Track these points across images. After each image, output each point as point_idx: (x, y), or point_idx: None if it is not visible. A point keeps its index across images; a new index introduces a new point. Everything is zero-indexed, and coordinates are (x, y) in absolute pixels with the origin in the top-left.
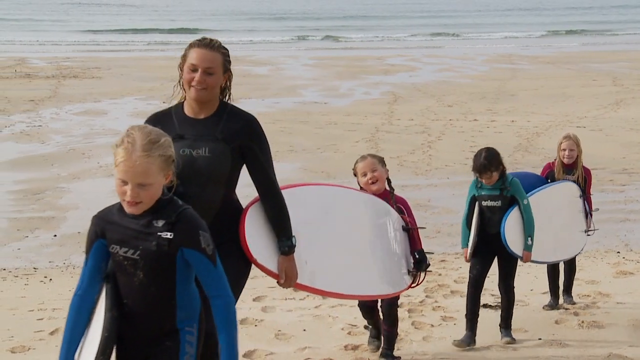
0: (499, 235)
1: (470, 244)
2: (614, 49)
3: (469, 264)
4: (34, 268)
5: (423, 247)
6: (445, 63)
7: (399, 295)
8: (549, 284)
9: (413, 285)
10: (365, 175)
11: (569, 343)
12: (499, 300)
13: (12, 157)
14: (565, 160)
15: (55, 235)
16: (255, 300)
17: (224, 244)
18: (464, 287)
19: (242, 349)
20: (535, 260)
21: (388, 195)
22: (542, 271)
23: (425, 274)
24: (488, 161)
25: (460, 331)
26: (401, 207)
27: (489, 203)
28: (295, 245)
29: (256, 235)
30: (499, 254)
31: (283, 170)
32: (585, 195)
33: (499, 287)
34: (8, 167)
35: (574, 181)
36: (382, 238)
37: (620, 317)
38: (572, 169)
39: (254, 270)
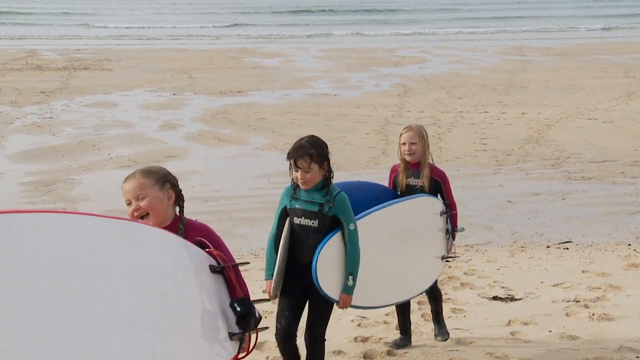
0: (311, 267)
1: (275, 274)
2: (626, 40)
3: (477, 256)
4: None
5: None
6: (455, 55)
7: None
8: (398, 318)
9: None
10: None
11: (579, 336)
12: (509, 292)
13: (23, 149)
14: (407, 158)
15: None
16: (265, 292)
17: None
18: (473, 280)
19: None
20: (359, 306)
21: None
22: (553, 264)
23: None
24: (310, 144)
25: (470, 323)
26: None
27: (303, 221)
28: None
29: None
30: (310, 294)
31: None
32: (448, 209)
33: (304, 337)
34: (19, 158)
35: (421, 188)
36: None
37: (631, 310)
38: (418, 170)
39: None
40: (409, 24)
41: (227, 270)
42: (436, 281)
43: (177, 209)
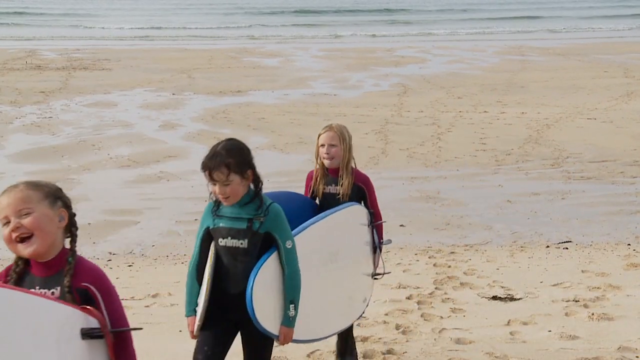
0: (244, 298)
1: (199, 309)
2: (626, 40)
3: (476, 255)
4: None
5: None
6: (455, 55)
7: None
8: (337, 343)
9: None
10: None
11: (579, 335)
12: (509, 292)
13: (22, 149)
14: (326, 163)
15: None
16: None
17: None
18: (473, 280)
19: None
20: (299, 340)
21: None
22: (552, 264)
23: None
24: (226, 151)
25: (470, 323)
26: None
27: (229, 241)
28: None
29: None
30: (242, 329)
31: (292, 162)
32: (373, 219)
33: None
34: (19, 158)
35: (342, 197)
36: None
37: (631, 310)
38: (337, 176)
39: None
40: (410, 25)
41: (106, 338)
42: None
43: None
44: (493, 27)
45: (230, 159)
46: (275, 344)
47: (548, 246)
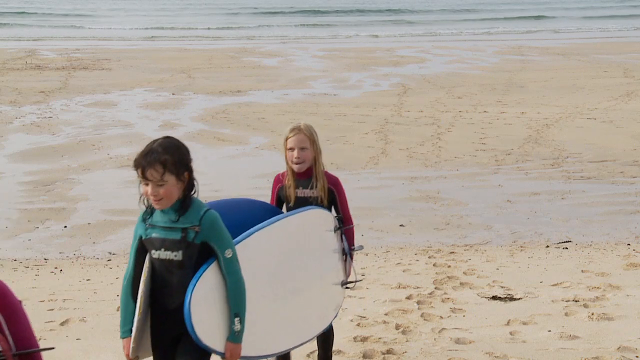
0: (182, 313)
1: (134, 328)
2: (625, 40)
3: (476, 255)
4: (45, 259)
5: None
6: (454, 55)
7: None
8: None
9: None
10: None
11: (579, 335)
12: (509, 292)
13: (22, 149)
14: (295, 167)
15: (65, 226)
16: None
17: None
18: (473, 279)
19: None
20: (249, 356)
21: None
22: (552, 263)
23: None
24: (163, 148)
25: (469, 322)
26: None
27: (163, 253)
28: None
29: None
30: (182, 347)
31: None
32: (342, 224)
33: None
34: (19, 158)
35: (316, 200)
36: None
37: (630, 310)
38: (309, 178)
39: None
40: (411, 25)
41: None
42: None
43: None
44: (498, 27)
45: (167, 157)
46: None
47: (548, 246)
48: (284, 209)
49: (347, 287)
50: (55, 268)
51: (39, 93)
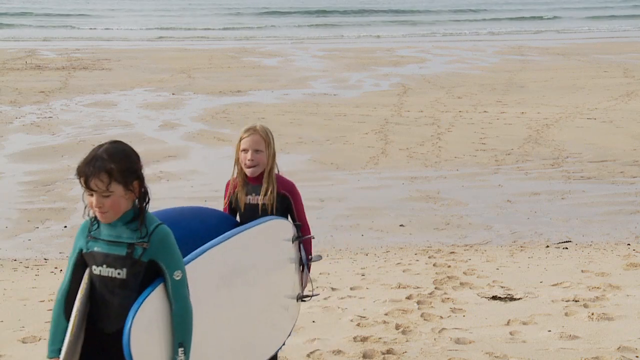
0: (121, 338)
1: (63, 350)
2: (625, 40)
3: (476, 255)
4: (45, 259)
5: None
6: (454, 55)
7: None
8: None
9: None
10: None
11: (579, 335)
12: (509, 292)
13: (22, 149)
14: (248, 171)
15: (65, 226)
16: None
17: None
18: (473, 279)
19: None
20: None
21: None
22: (552, 263)
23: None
24: (108, 155)
25: (469, 323)
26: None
27: (105, 270)
28: None
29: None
30: None
31: (292, 162)
32: (300, 233)
33: None
34: (19, 158)
35: (266, 207)
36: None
37: (630, 310)
38: (259, 184)
39: None
40: (415, 25)
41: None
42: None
43: None
44: (499, 27)
45: (113, 165)
46: None
47: (548, 246)
48: (238, 217)
49: (303, 301)
50: (55, 268)
51: (39, 93)
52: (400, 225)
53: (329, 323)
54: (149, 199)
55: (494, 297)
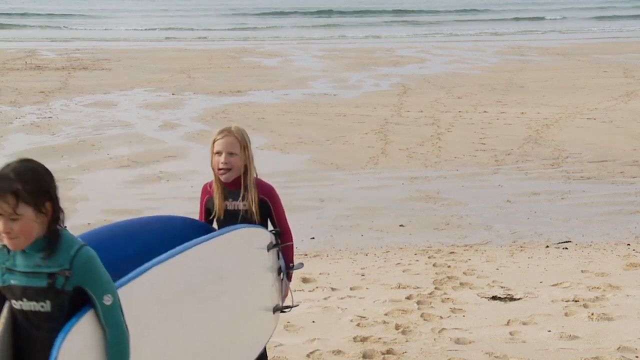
0: None
1: None
2: (625, 40)
3: (476, 255)
4: None
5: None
6: (454, 55)
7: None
8: None
9: None
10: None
11: (579, 335)
12: (508, 292)
13: (22, 149)
14: (222, 177)
15: (65, 227)
16: None
17: None
18: (473, 280)
19: None
20: None
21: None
22: (552, 263)
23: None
24: (16, 175)
25: (469, 323)
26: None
27: (26, 304)
28: None
29: None
30: None
31: (292, 162)
32: (279, 240)
33: None
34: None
35: (246, 213)
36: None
37: (630, 310)
38: (239, 189)
39: None
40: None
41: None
42: (265, 348)
43: None
44: (500, 28)
45: (20, 185)
46: None
47: (548, 246)
48: (215, 224)
49: (283, 312)
50: None
51: (39, 93)
52: (400, 225)
53: (328, 323)
54: (63, 222)
55: (494, 297)
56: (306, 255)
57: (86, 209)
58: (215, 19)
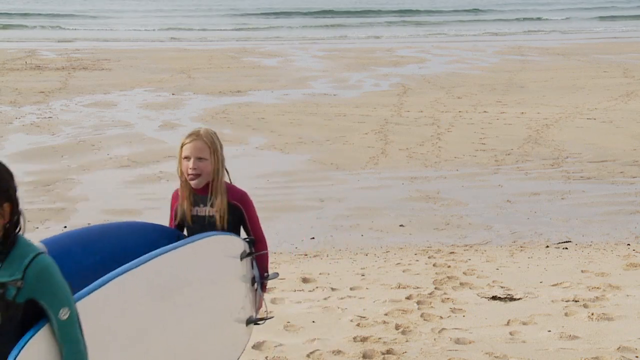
0: None
1: None
2: (625, 40)
3: (476, 255)
4: None
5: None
6: (454, 55)
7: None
8: None
9: None
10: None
11: (579, 335)
12: (508, 292)
13: (22, 149)
14: (192, 183)
15: (65, 227)
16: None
17: None
18: (473, 280)
19: (251, 340)
20: None
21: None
22: (552, 263)
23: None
24: None
25: (469, 323)
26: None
27: None
28: None
29: None
30: None
31: (292, 162)
32: (253, 248)
33: None
34: (18, 158)
35: (213, 219)
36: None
37: (630, 310)
38: (207, 194)
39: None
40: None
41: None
42: None
43: None
44: (501, 28)
45: None
46: None
47: (548, 246)
48: (186, 230)
49: (257, 324)
50: None
51: (38, 93)
52: (400, 226)
53: (328, 323)
54: (20, 226)
55: (494, 297)
56: (306, 255)
57: (86, 209)
58: (216, 19)
